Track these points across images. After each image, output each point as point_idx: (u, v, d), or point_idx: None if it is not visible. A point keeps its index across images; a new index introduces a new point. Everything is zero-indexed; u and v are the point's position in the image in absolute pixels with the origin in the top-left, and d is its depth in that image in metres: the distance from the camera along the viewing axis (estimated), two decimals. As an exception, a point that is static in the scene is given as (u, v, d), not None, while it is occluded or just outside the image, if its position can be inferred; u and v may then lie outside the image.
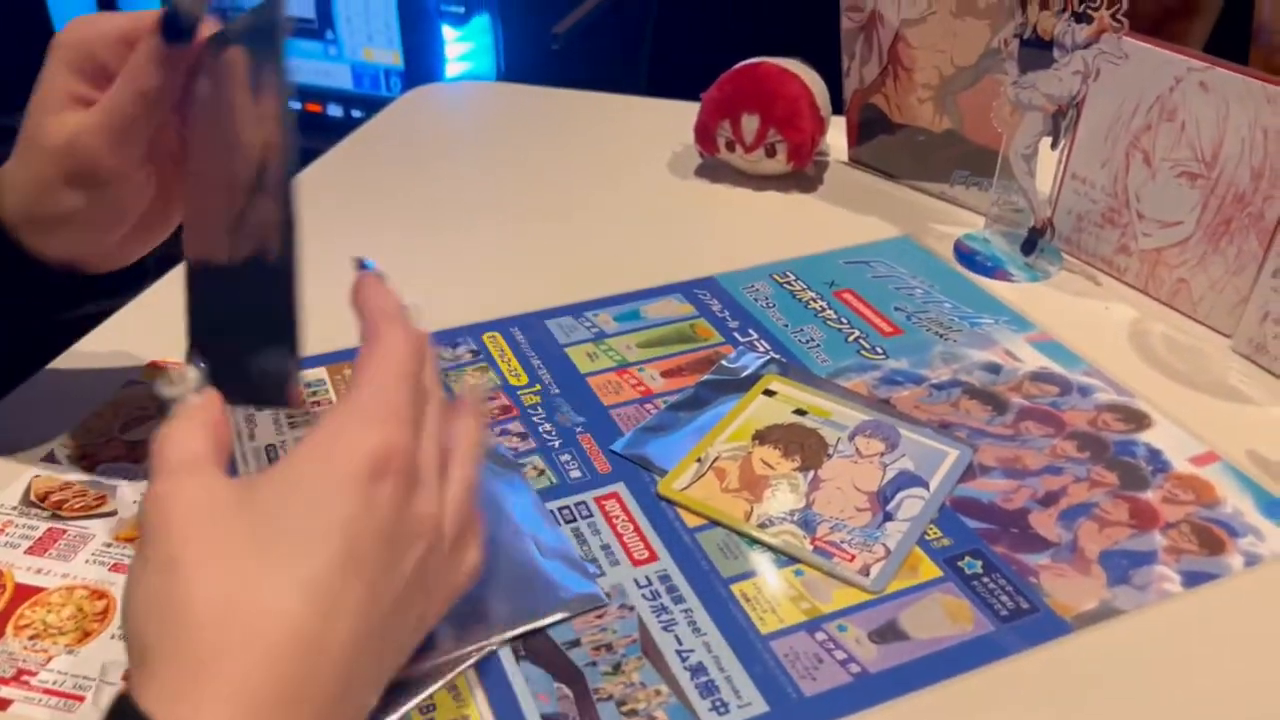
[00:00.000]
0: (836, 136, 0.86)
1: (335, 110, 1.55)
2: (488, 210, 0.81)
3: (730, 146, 0.81)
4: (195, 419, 0.36)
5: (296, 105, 1.73)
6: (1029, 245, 0.72)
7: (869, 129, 0.83)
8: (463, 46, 1.47)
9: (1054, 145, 0.68)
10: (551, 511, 0.51)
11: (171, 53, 0.44)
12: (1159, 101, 0.65)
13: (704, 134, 0.82)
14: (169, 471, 0.34)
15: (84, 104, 0.46)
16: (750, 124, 0.79)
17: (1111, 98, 0.67)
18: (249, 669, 0.30)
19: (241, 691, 0.30)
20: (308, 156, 0.85)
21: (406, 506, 0.35)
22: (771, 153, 0.80)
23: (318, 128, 1.54)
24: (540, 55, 1.47)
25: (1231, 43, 0.75)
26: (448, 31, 1.45)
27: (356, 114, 1.54)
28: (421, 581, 0.37)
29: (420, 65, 1.48)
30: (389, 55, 1.49)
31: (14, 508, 0.51)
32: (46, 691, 0.42)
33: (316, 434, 0.35)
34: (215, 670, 0.30)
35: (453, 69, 1.48)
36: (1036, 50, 0.66)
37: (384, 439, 0.34)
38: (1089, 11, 0.63)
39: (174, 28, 0.43)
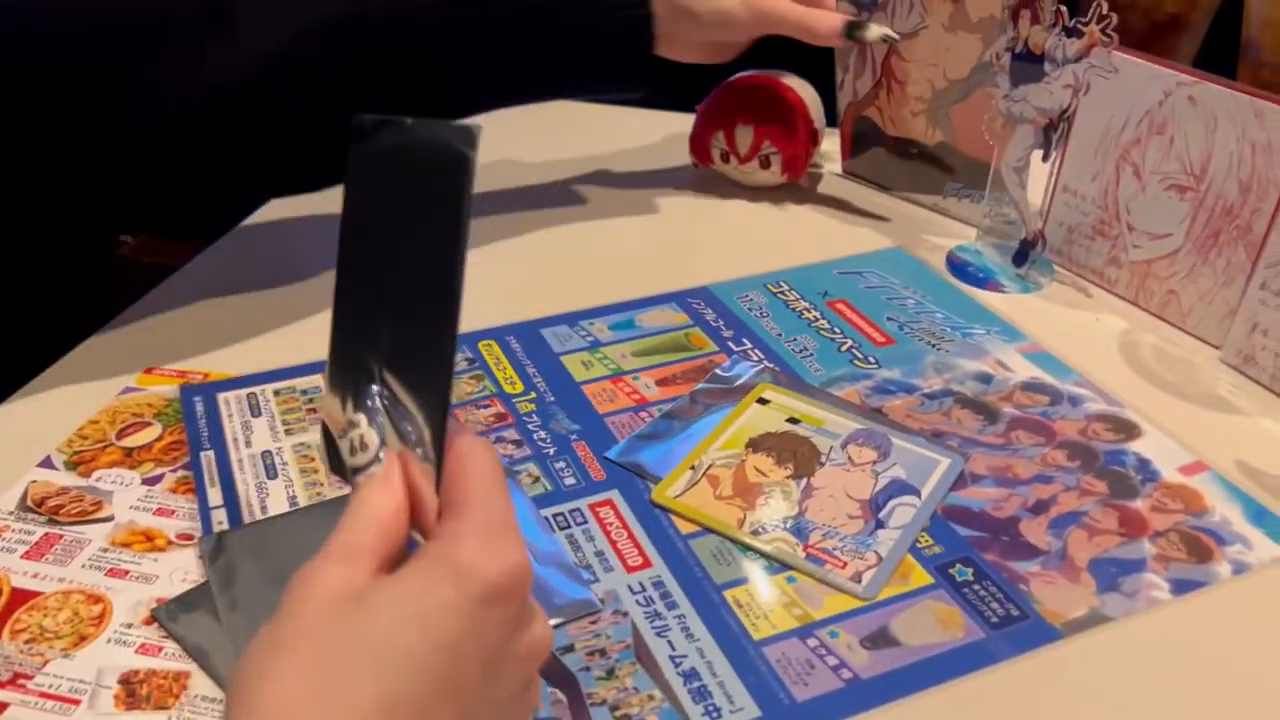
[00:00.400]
0: (830, 149, 0.86)
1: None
2: (483, 219, 0.81)
3: (725, 158, 0.82)
4: (376, 512, 0.34)
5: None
6: (1020, 257, 0.72)
7: (862, 141, 0.84)
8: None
9: (1045, 158, 0.69)
10: (546, 518, 0.51)
11: None
12: (1148, 115, 0.66)
13: (698, 146, 0.83)
14: (327, 553, 0.33)
15: None
16: (744, 136, 0.80)
17: (1101, 111, 0.68)
18: None
19: None
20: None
21: (516, 632, 0.34)
22: (766, 164, 0.81)
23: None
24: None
25: (1220, 58, 0.76)
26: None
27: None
28: (515, 709, 0.35)
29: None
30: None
31: (10, 513, 0.51)
32: (43, 695, 0.42)
33: (435, 550, 0.33)
34: None
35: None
36: (1028, 64, 0.67)
37: (506, 563, 0.33)
38: (1079, 26, 0.64)
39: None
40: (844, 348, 0.65)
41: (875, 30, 0.74)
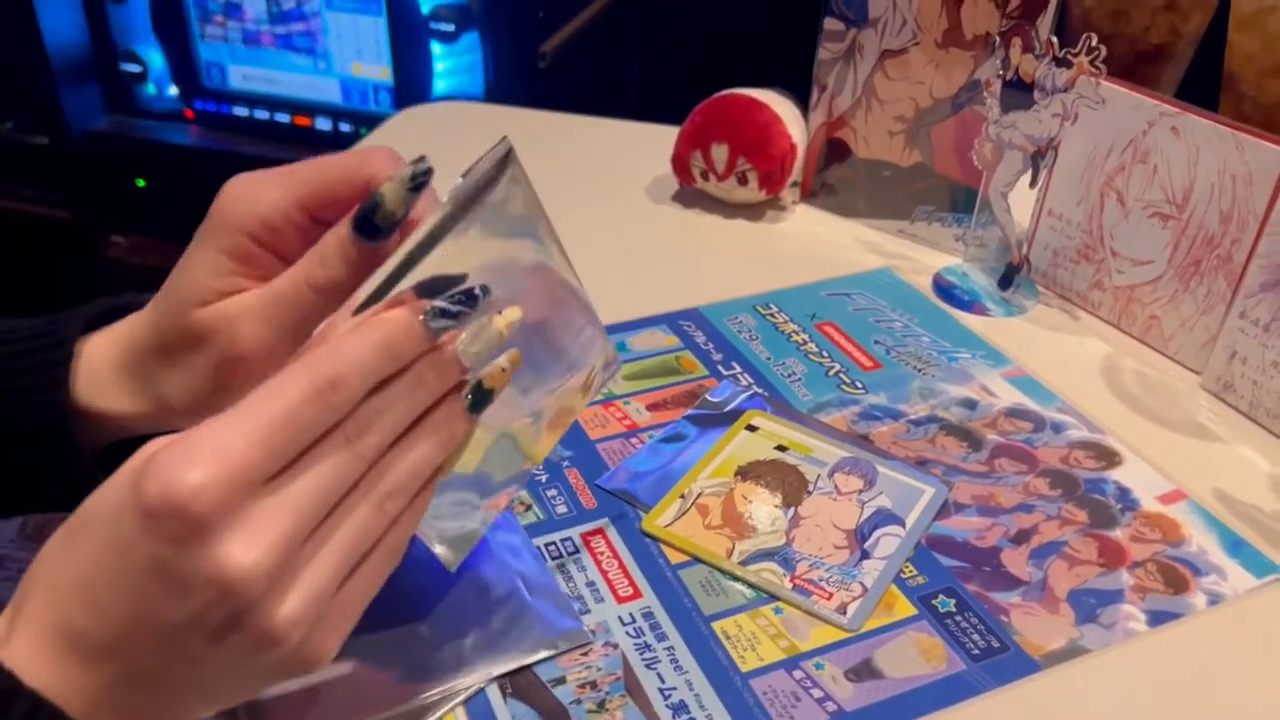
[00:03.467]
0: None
1: (324, 124, 1.56)
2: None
3: (705, 176, 0.82)
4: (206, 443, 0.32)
5: (285, 118, 1.68)
6: (1006, 280, 0.73)
7: (827, 164, 0.84)
8: (452, 62, 1.48)
9: (1033, 184, 0.70)
10: (539, 547, 0.52)
11: (362, 249, 0.39)
12: (1132, 144, 0.67)
13: (680, 165, 0.83)
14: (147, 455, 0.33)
15: (236, 290, 0.41)
16: (720, 153, 0.80)
17: (1087, 139, 0.69)
18: (40, 607, 0.34)
19: (38, 625, 0.33)
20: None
21: (186, 555, 0.31)
22: (743, 181, 0.81)
23: (306, 141, 1.55)
24: (528, 73, 1.48)
25: (1203, 87, 0.77)
26: (437, 48, 1.47)
27: (345, 128, 1.55)
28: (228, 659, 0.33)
29: (409, 81, 1.49)
30: (378, 70, 1.50)
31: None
32: None
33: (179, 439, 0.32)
34: (22, 604, 0.34)
35: (441, 85, 1.49)
36: (1018, 91, 0.68)
37: (199, 487, 0.30)
38: (1069, 57, 0.65)
39: (369, 225, 0.38)
40: (831, 372, 0.66)
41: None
